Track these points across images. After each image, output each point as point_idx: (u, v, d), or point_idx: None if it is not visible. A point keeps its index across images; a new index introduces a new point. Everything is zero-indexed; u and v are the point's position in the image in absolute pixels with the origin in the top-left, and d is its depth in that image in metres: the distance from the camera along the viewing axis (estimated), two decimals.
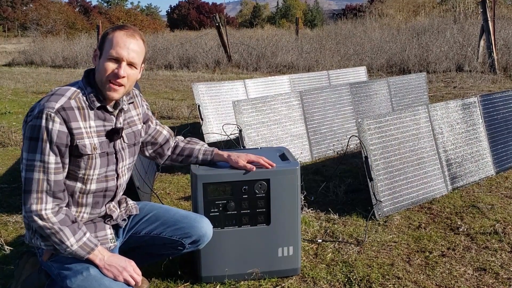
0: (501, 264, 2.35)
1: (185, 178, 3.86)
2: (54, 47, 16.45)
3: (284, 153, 2.29)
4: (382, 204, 2.92)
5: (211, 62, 13.10)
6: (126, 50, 1.73)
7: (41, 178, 1.65)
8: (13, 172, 4.06)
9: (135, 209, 2.03)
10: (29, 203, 1.65)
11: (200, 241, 1.99)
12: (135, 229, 2.00)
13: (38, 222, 1.66)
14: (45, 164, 1.65)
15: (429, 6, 24.65)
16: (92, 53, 1.81)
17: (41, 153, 1.65)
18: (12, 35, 40.24)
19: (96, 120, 1.77)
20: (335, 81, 6.06)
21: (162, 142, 2.11)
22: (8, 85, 10.27)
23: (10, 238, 2.73)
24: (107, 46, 1.73)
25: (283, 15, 55.14)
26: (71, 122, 1.68)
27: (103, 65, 1.73)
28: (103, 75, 1.73)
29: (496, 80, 8.91)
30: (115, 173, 1.86)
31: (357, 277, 2.24)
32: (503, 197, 3.24)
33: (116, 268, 1.74)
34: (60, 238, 1.67)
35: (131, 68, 1.76)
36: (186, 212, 2.06)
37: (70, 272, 1.72)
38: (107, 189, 1.86)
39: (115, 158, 1.84)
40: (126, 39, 1.74)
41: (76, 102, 1.72)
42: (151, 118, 2.09)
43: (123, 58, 1.73)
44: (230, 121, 4.54)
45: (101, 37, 1.78)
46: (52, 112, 1.64)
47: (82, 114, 1.72)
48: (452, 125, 3.44)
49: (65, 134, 1.67)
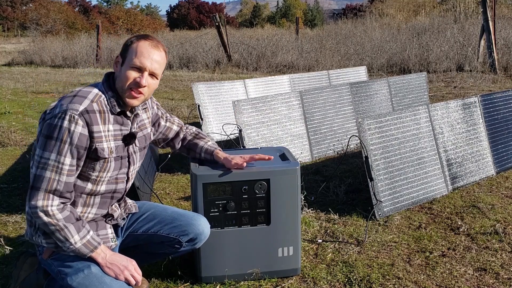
0: (502, 264, 2.34)
1: (185, 178, 3.85)
2: (54, 47, 16.44)
3: (284, 153, 2.29)
4: (382, 204, 2.91)
5: (211, 62, 13.10)
6: (150, 61, 1.77)
7: (52, 178, 1.66)
8: (13, 172, 4.06)
9: (134, 208, 2.06)
10: (35, 199, 1.66)
11: (197, 239, 1.99)
12: (132, 227, 2.02)
13: (43, 219, 1.66)
14: (59, 165, 1.67)
15: (430, 6, 24.65)
16: (114, 59, 1.83)
17: (57, 153, 1.66)
18: (12, 35, 40.22)
19: (115, 124, 1.80)
20: (335, 81, 6.06)
21: (172, 136, 2.17)
22: (8, 85, 10.26)
23: (10, 238, 2.73)
24: (130, 55, 1.77)
25: (283, 15, 55.13)
26: (93, 126, 1.71)
27: (125, 73, 1.76)
28: (125, 82, 1.76)
29: (496, 80, 8.91)
30: (126, 176, 1.91)
31: (357, 277, 2.24)
32: (504, 197, 3.24)
33: (118, 267, 1.75)
34: (64, 235, 1.68)
35: (152, 78, 1.81)
36: (184, 210, 2.07)
37: (70, 270, 1.73)
38: (116, 191, 1.89)
39: (127, 161, 1.89)
40: (150, 49, 1.78)
41: (98, 105, 1.74)
42: (161, 116, 2.13)
43: (146, 68, 1.77)
44: (230, 121, 4.53)
45: (125, 45, 1.81)
46: (76, 114, 1.66)
47: (102, 117, 1.75)
48: (452, 125, 3.44)
49: (86, 137, 1.70)
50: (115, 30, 30.31)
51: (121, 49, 1.82)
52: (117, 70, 1.81)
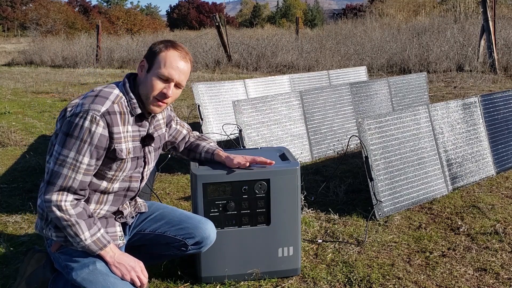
0: (502, 264, 2.34)
1: (185, 178, 3.85)
2: (54, 47, 16.45)
3: (284, 153, 2.29)
4: (382, 204, 2.91)
5: (211, 62, 13.10)
6: (178, 72, 1.78)
7: (69, 175, 1.69)
8: (13, 172, 4.06)
9: (144, 207, 2.07)
10: (50, 194, 1.68)
11: (203, 243, 2.00)
12: (140, 226, 2.03)
13: (56, 213, 1.68)
14: (77, 163, 1.69)
15: (430, 6, 24.65)
16: (139, 63, 1.84)
17: (76, 151, 1.68)
18: (12, 35, 40.23)
19: (133, 125, 1.82)
20: (335, 81, 6.06)
21: (180, 139, 2.18)
22: (8, 85, 10.26)
23: (10, 238, 2.73)
24: (158, 63, 1.77)
25: (283, 15, 55.14)
26: (113, 127, 1.73)
27: (151, 81, 1.77)
28: (151, 91, 1.78)
29: (496, 80, 8.91)
30: (141, 175, 1.93)
31: (358, 278, 2.24)
32: (504, 197, 3.24)
33: (125, 267, 1.77)
34: (75, 231, 1.70)
35: (176, 88, 1.82)
36: (192, 214, 2.08)
37: (77, 264, 1.75)
38: (129, 189, 1.91)
39: (143, 161, 1.91)
40: (179, 61, 1.79)
41: (118, 106, 1.76)
42: (173, 118, 2.15)
43: (174, 79, 1.78)
44: (230, 121, 4.53)
45: (152, 50, 1.81)
46: (97, 115, 1.68)
47: (122, 119, 1.77)
48: (452, 125, 3.44)
49: (106, 138, 1.72)
50: (115, 30, 30.32)
51: (147, 54, 1.82)
52: (142, 75, 1.81)
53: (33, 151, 4.75)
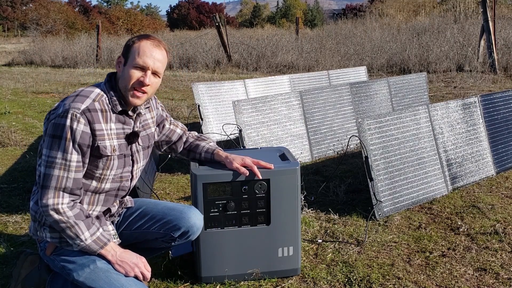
0: (502, 264, 2.34)
1: (185, 178, 3.85)
2: (54, 47, 16.43)
3: (284, 153, 2.29)
4: (382, 204, 2.91)
5: (211, 62, 13.09)
6: (152, 60, 1.80)
7: (61, 175, 1.70)
8: (13, 172, 4.06)
9: (130, 202, 2.07)
10: (46, 198, 1.69)
11: (190, 232, 1.97)
12: (125, 225, 2.03)
13: (54, 216, 1.69)
14: (66, 162, 1.70)
15: (430, 6, 24.64)
16: (115, 60, 1.86)
17: (63, 151, 1.69)
18: (12, 35, 40.21)
19: (117, 123, 1.83)
20: (335, 81, 6.06)
21: (175, 139, 2.18)
22: (8, 85, 10.26)
23: (10, 238, 2.73)
24: (133, 54, 1.79)
25: (283, 15, 55.13)
26: (94, 124, 1.74)
27: (128, 73, 1.79)
28: (128, 82, 1.79)
29: (496, 80, 8.91)
30: (130, 174, 1.94)
31: (357, 278, 2.24)
32: (504, 197, 3.24)
33: (128, 264, 1.78)
34: (75, 232, 1.71)
35: (154, 76, 1.84)
36: (174, 204, 2.06)
37: (75, 265, 1.75)
38: (120, 189, 1.92)
39: (131, 160, 1.91)
40: (153, 48, 1.81)
41: (99, 104, 1.77)
42: (166, 118, 2.15)
43: (149, 67, 1.80)
44: (230, 121, 4.53)
45: (126, 45, 1.84)
46: (77, 112, 1.70)
47: (104, 116, 1.78)
48: (452, 125, 3.44)
49: (88, 135, 1.73)
50: (115, 30, 30.29)
51: (123, 50, 1.85)
52: (120, 70, 1.84)
53: (33, 151, 4.75)
